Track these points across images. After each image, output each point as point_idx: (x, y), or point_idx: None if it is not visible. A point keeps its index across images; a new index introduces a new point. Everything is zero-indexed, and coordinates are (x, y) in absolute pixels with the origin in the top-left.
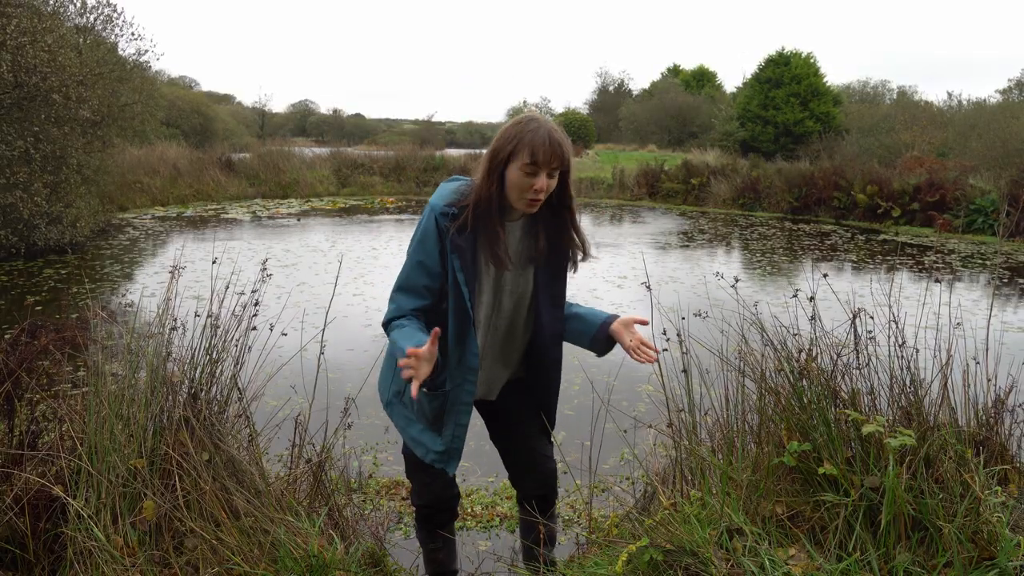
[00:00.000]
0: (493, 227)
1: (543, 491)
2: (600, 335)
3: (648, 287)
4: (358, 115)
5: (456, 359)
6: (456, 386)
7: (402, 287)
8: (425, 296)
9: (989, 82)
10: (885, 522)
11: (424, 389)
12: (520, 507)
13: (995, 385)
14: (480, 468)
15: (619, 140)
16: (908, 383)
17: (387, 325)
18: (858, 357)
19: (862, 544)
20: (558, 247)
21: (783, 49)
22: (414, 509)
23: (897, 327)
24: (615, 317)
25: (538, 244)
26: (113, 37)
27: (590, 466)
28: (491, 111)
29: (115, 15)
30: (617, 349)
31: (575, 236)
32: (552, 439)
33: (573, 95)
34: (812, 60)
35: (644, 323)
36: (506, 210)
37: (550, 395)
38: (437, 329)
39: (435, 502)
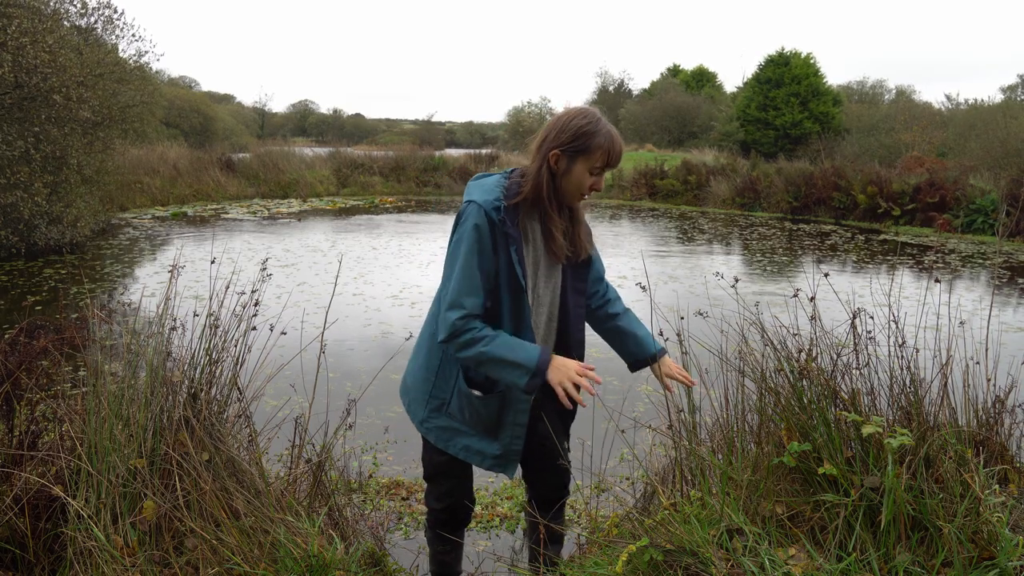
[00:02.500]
0: (551, 219)
1: (560, 493)
2: (642, 363)
3: (644, 288)
4: (358, 115)
5: None
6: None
7: (463, 290)
8: (484, 296)
9: (987, 84)
10: (885, 522)
11: (477, 393)
12: (530, 507)
13: (995, 385)
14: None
15: None
16: (908, 383)
17: (460, 333)
18: (858, 357)
19: (862, 544)
20: (577, 228)
21: (783, 49)
22: (427, 510)
23: (897, 327)
24: (662, 354)
25: (571, 234)
26: (114, 39)
27: (584, 465)
28: (491, 111)
29: (116, 16)
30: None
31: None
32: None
33: (573, 95)
34: (812, 60)
35: (690, 384)
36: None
37: None
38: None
39: (454, 507)
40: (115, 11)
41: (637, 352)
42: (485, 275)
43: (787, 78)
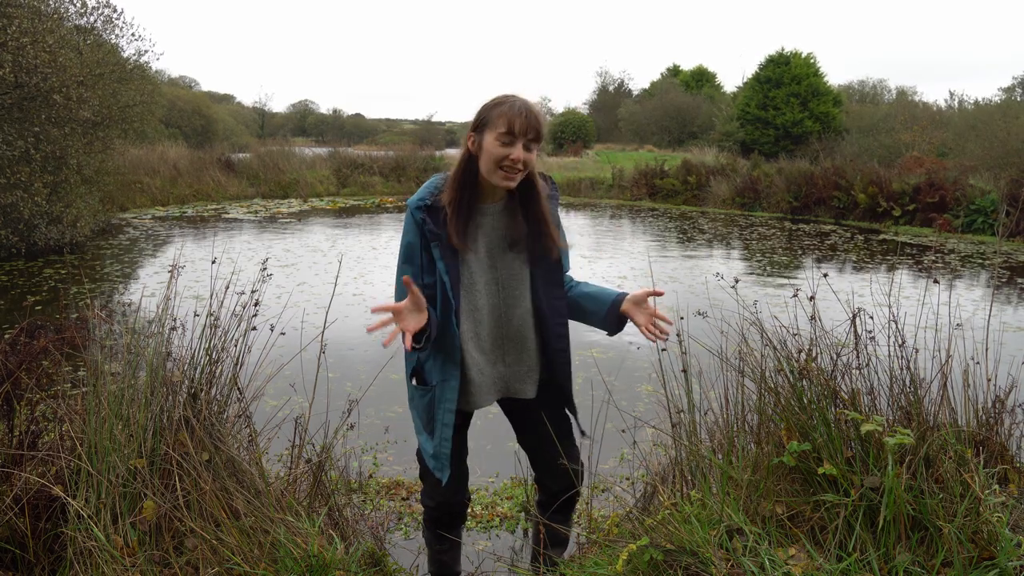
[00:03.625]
0: (463, 204)
1: (568, 491)
2: (611, 315)
3: (657, 294)
4: (358, 115)
5: (445, 353)
6: (441, 382)
7: (397, 286)
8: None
9: (988, 84)
10: (885, 522)
11: (414, 383)
12: (539, 509)
13: (995, 385)
14: (480, 468)
15: (619, 140)
16: (908, 383)
17: None
18: (858, 357)
19: (862, 544)
20: (540, 227)
21: (783, 49)
22: (423, 509)
23: (897, 327)
24: (624, 295)
25: (518, 226)
26: (114, 38)
27: (587, 465)
28: None
29: (115, 15)
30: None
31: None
32: (577, 436)
33: (573, 95)
34: (812, 60)
35: (658, 294)
36: (481, 190)
37: (560, 372)
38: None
39: (444, 505)
40: (114, 10)
41: (599, 309)
42: (416, 268)
43: (787, 78)
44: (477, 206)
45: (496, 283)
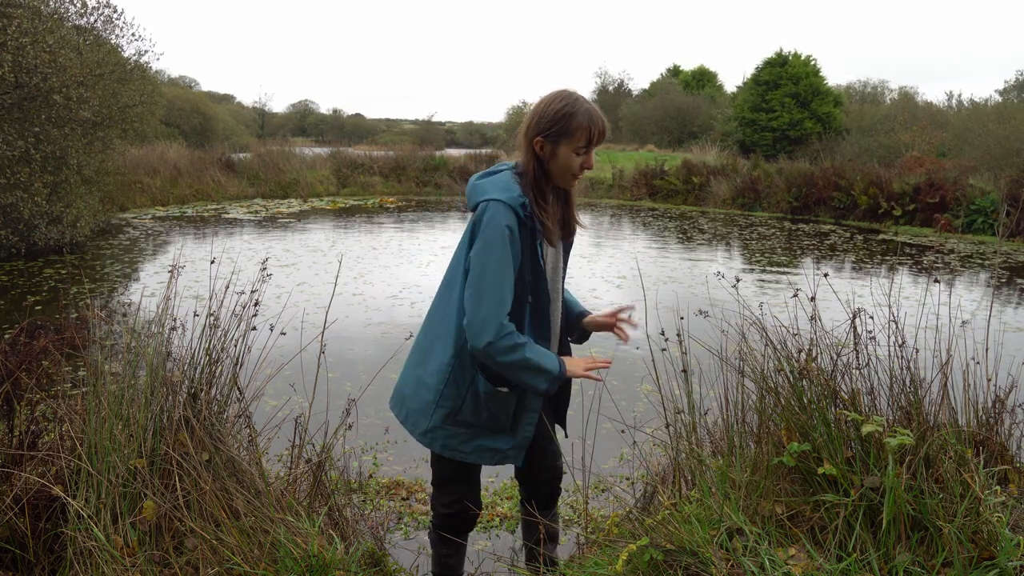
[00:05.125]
0: (545, 206)
1: (552, 488)
2: (572, 325)
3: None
4: (358, 115)
5: (536, 343)
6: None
7: (504, 293)
8: (512, 296)
9: (988, 84)
10: (885, 522)
11: (503, 389)
12: (522, 507)
13: (995, 385)
14: (490, 465)
15: (619, 140)
16: (908, 383)
17: (504, 336)
18: (858, 357)
19: (862, 544)
20: (571, 218)
21: (781, 50)
22: (433, 514)
23: (897, 327)
24: (587, 313)
25: (564, 217)
26: (114, 38)
27: (585, 465)
28: (491, 111)
29: (115, 16)
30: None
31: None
32: (557, 435)
33: None
34: (811, 61)
35: (626, 311)
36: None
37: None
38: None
39: (461, 512)
40: (115, 10)
41: (567, 311)
42: (514, 271)
43: (784, 78)
44: None
45: (551, 282)
